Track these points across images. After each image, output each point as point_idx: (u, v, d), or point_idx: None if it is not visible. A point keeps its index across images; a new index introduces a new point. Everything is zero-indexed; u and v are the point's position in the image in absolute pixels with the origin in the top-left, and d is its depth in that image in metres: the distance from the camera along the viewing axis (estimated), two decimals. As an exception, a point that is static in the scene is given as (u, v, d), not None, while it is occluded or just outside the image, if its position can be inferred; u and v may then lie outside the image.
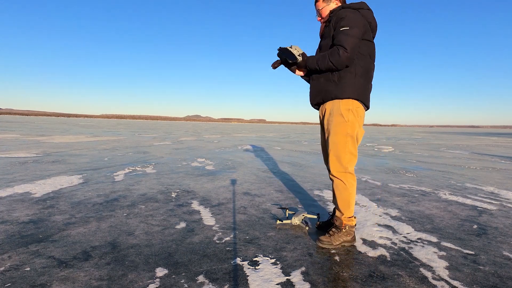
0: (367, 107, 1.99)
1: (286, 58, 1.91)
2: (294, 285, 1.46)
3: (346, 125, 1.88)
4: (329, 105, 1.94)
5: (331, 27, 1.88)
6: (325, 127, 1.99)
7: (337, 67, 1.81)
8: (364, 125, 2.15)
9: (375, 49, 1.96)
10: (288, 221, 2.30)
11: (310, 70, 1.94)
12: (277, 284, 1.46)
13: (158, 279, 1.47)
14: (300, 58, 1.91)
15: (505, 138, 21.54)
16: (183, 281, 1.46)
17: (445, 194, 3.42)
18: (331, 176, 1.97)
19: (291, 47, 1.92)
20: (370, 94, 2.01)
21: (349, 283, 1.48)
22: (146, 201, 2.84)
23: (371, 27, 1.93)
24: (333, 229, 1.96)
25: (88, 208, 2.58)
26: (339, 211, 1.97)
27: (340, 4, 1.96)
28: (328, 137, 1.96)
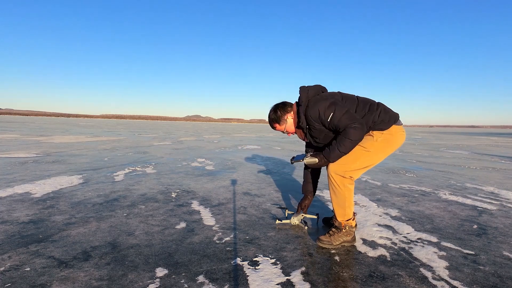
0: (397, 118, 1.96)
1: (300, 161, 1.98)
2: (294, 285, 1.46)
3: (372, 143, 1.88)
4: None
5: (314, 127, 1.91)
6: None
7: (361, 139, 1.82)
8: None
9: (344, 93, 2.00)
10: (288, 221, 2.30)
11: (335, 160, 1.89)
12: (277, 284, 1.46)
13: (158, 279, 1.47)
14: (315, 160, 1.91)
15: (505, 138, 21.54)
16: (183, 281, 1.46)
17: (445, 194, 3.42)
18: (328, 176, 1.93)
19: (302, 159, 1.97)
20: (387, 106, 1.99)
21: (349, 283, 1.48)
22: (146, 201, 2.84)
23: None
24: (333, 229, 1.96)
25: (88, 208, 2.58)
26: (335, 216, 1.97)
27: (294, 113, 2.01)
28: None
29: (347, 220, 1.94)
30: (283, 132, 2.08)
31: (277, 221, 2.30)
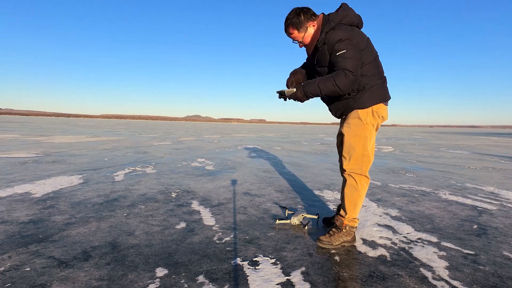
0: (389, 99, 1.95)
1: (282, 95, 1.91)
2: (294, 285, 1.46)
3: (364, 128, 1.86)
4: (352, 113, 1.91)
5: (325, 52, 1.79)
6: (343, 128, 1.95)
7: (344, 91, 1.73)
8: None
9: (370, 41, 1.88)
10: (288, 221, 2.30)
11: (310, 95, 1.81)
12: (277, 284, 1.46)
13: (158, 279, 1.47)
14: (293, 90, 1.83)
15: (505, 138, 21.54)
16: (183, 281, 1.46)
17: (445, 194, 3.42)
18: (345, 174, 1.95)
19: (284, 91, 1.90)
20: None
21: (349, 283, 1.48)
22: (146, 201, 2.84)
23: (358, 26, 1.87)
24: (333, 229, 1.96)
25: (88, 208, 2.58)
26: (344, 210, 1.97)
27: (319, 25, 1.82)
28: (344, 139, 1.93)
29: (353, 218, 1.94)
30: (295, 41, 1.88)
31: (277, 221, 2.30)
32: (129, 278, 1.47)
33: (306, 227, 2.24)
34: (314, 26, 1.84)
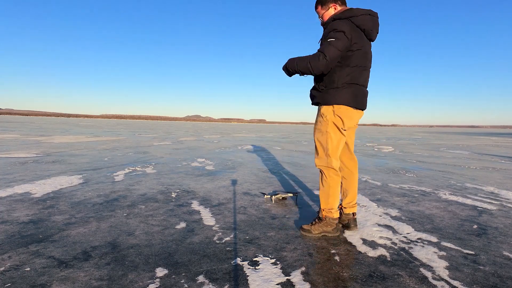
0: (361, 108, 2.07)
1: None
2: (294, 285, 1.46)
3: (326, 124, 2.02)
4: (319, 108, 2.12)
5: (325, 33, 1.96)
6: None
7: (313, 70, 1.90)
8: (364, 125, 2.31)
9: (367, 53, 2.00)
10: (272, 196, 2.92)
11: (290, 69, 2.00)
12: (277, 284, 1.46)
13: (158, 279, 1.47)
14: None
15: (505, 138, 21.53)
16: (183, 281, 1.46)
17: (445, 194, 3.42)
18: (318, 169, 2.15)
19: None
20: (367, 96, 2.15)
21: (349, 283, 1.48)
22: (146, 201, 2.84)
23: (366, 32, 1.96)
24: (316, 220, 2.12)
25: (88, 208, 2.58)
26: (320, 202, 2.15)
27: (337, 9, 2.02)
28: (313, 135, 2.15)
29: (329, 209, 2.07)
30: (320, 16, 2.10)
31: (266, 196, 2.96)
32: (129, 278, 1.47)
33: (283, 199, 2.95)
34: (335, 8, 2.02)
